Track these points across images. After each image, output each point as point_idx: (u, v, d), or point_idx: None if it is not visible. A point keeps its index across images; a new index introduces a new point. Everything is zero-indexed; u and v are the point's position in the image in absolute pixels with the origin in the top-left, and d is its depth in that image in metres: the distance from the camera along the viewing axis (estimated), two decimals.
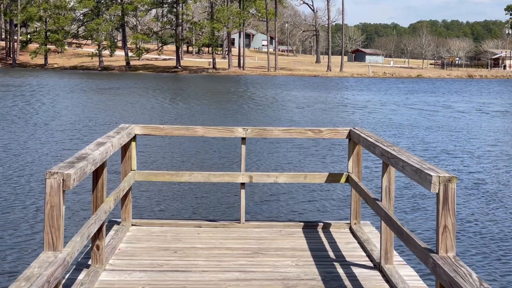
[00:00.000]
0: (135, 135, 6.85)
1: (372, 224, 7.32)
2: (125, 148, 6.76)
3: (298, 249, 6.27)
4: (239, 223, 7.10)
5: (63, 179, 3.89)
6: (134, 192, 10.84)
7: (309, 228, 7.07)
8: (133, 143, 6.85)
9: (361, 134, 6.47)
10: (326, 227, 7.09)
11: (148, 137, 20.54)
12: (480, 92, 61.94)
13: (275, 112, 35.30)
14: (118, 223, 6.94)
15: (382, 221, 5.49)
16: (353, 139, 6.84)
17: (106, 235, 6.28)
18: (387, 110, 39.03)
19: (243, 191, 7.13)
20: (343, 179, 7.07)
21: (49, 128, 25.69)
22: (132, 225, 6.97)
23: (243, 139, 7.04)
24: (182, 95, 48.23)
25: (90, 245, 5.50)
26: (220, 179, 7.29)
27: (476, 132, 28.29)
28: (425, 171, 4.14)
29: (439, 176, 3.94)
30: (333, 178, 7.14)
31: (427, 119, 33.23)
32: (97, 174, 5.34)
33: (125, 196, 6.82)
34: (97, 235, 5.36)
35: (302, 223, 7.15)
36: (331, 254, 6.20)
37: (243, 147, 7.06)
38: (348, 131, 7.01)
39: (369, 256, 6.09)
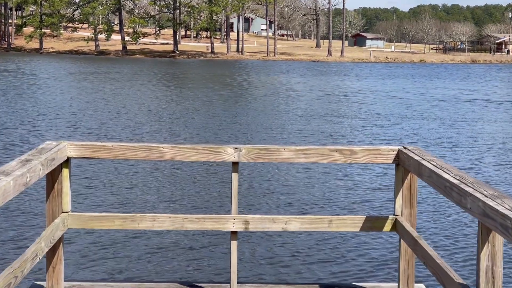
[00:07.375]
0: (68, 158, 4.45)
1: None
2: (52, 179, 4.41)
3: None
4: None
5: None
6: (67, 245, 7.93)
7: None
8: (65, 171, 4.47)
9: (424, 162, 4.02)
10: None
11: (89, 162, 15.02)
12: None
13: (278, 105, 32.55)
14: None
15: None
16: (405, 166, 4.48)
17: None
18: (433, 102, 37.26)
19: (234, 244, 4.73)
20: (387, 226, 4.71)
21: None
22: None
23: (235, 164, 4.62)
24: (172, 82, 46.33)
25: None
26: (199, 226, 4.69)
27: None
28: None
29: None
30: (372, 224, 4.76)
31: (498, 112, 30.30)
32: None
33: (53, 253, 4.45)
34: None
35: None
36: None
37: (235, 176, 4.63)
38: (395, 153, 4.62)
39: None
